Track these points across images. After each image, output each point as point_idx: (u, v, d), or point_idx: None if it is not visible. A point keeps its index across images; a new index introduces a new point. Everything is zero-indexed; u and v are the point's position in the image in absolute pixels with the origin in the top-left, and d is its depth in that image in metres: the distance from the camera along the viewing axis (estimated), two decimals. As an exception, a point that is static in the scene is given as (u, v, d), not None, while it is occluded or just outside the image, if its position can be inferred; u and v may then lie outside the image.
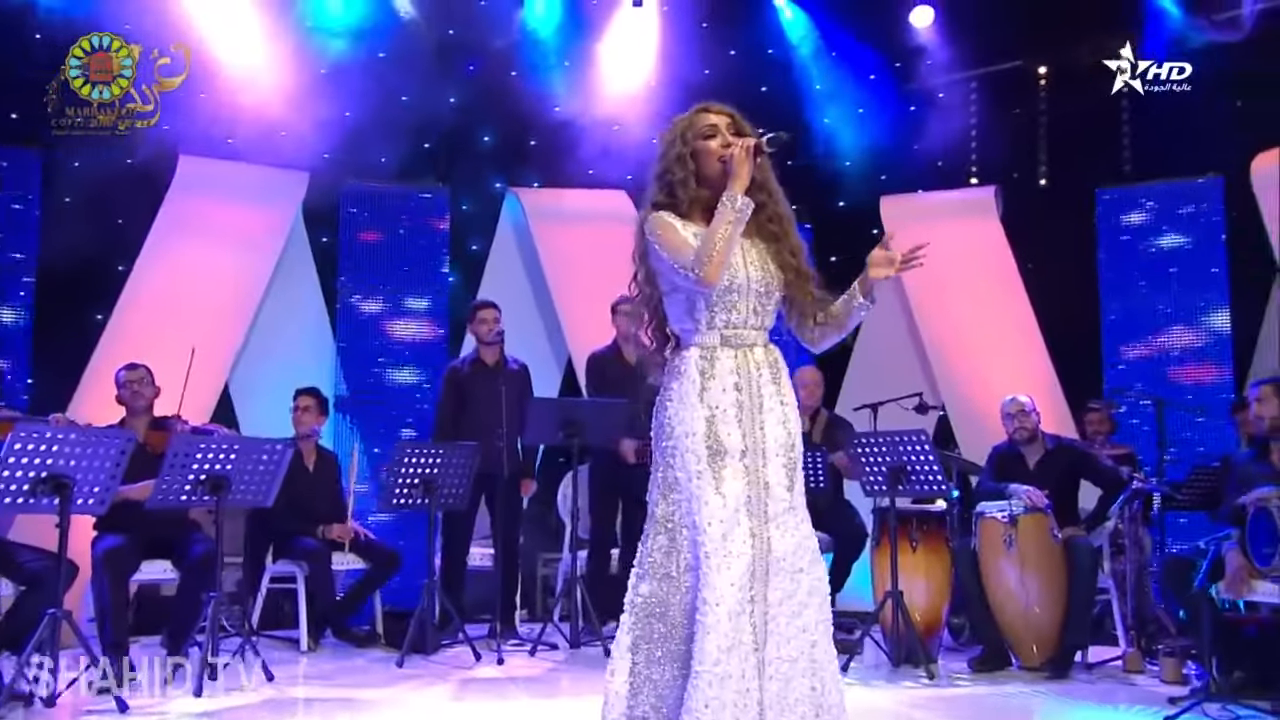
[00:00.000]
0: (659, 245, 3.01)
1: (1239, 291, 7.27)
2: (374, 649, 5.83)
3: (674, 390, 3.04)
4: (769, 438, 2.99)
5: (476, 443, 5.71)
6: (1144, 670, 5.30)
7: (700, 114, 3.16)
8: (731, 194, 2.97)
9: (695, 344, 3.05)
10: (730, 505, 2.89)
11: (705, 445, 2.95)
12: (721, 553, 2.86)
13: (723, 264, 2.95)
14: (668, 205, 3.09)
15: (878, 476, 5.38)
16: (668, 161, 3.12)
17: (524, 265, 8.24)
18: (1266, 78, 6.86)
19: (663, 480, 3.05)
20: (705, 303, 3.02)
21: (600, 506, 6.15)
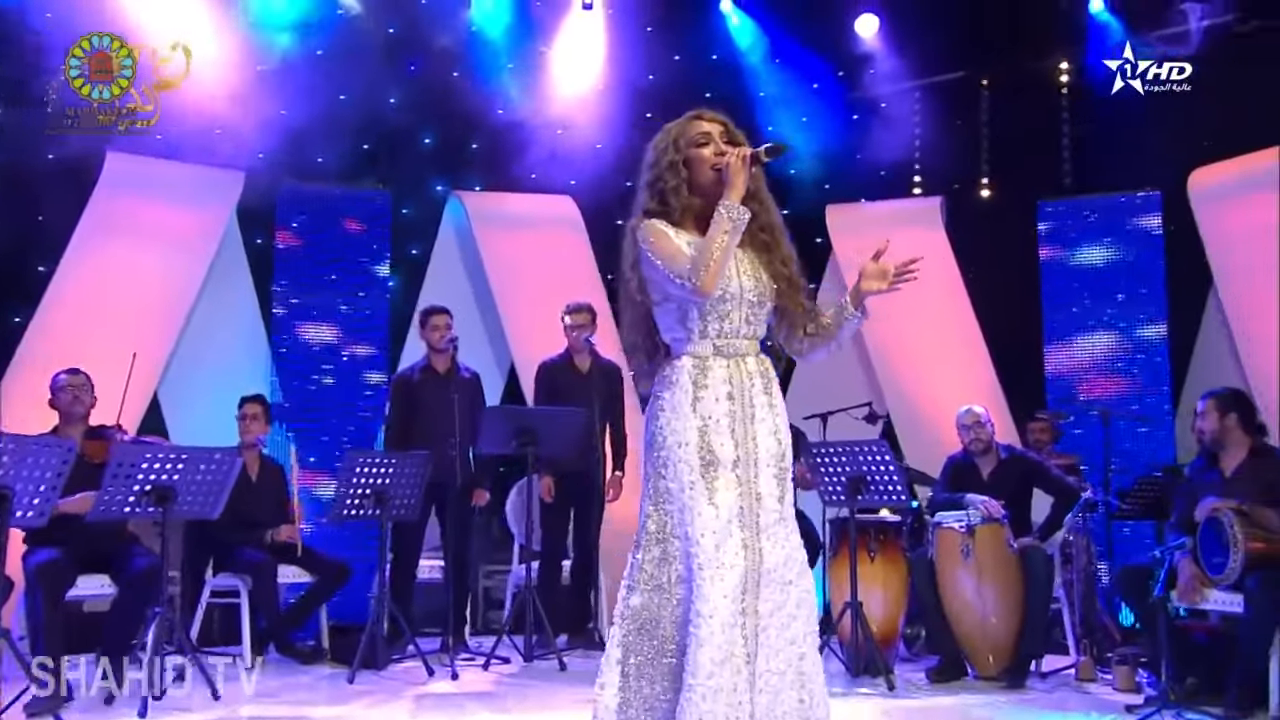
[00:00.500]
0: (652, 253, 3.02)
1: (1176, 303, 7.52)
2: (320, 665, 5.75)
3: (666, 400, 3.05)
4: (761, 448, 3.02)
5: (429, 452, 5.67)
6: (1096, 679, 5.46)
7: (693, 121, 3.18)
8: (728, 203, 2.98)
9: (687, 353, 3.06)
10: (723, 516, 2.92)
11: (698, 455, 2.96)
12: (714, 564, 2.88)
13: (719, 273, 2.96)
14: (659, 213, 3.10)
15: (836, 486, 5.46)
16: (659, 169, 3.13)
17: (466, 270, 8.20)
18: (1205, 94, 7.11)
19: (654, 491, 3.04)
20: (698, 312, 3.04)
21: (552, 517, 6.15)
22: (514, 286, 7.92)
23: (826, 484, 5.49)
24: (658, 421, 3.06)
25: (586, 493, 6.13)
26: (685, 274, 2.95)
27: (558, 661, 5.64)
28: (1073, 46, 8.00)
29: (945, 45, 8.37)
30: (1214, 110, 7.09)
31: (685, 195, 3.10)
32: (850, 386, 7.67)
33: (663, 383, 3.09)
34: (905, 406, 7.66)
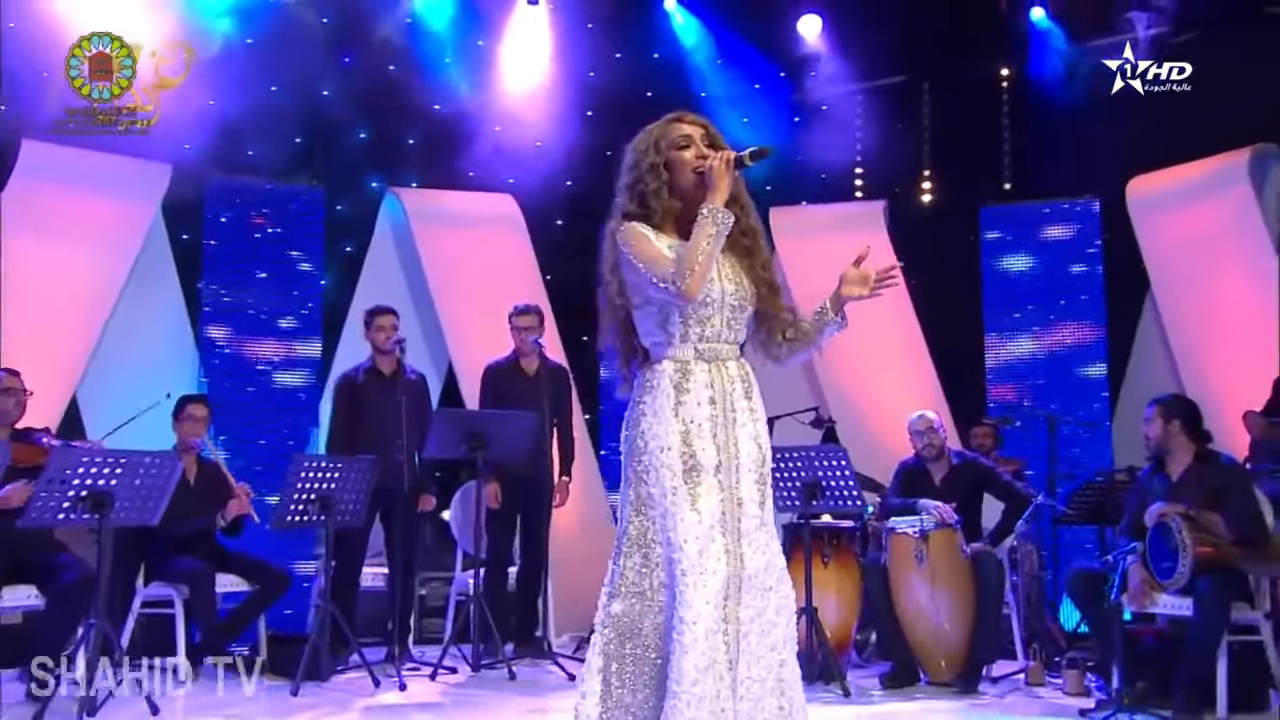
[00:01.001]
0: (633, 256, 3.03)
1: (1114, 309, 7.76)
2: (259, 677, 5.64)
3: (647, 404, 3.07)
4: (742, 453, 3.05)
5: (375, 456, 5.61)
6: (1045, 683, 5.60)
7: (673, 124, 3.19)
8: (712, 206, 3.01)
9: (668, 357, 3.08)
10: (706, 522, 2.94)
11: (680, 461, 2.99)
12: (698, 570, 2.90)
13: (704, 277, 2.98)
14: (639, 216, 3.11)
15: (791, 492, 5.52)
16: (640, 171, 3.14)
17: (403, 269, 8.12)
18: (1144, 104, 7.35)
19: (635, 497, 3.06)
20: (679, 316, 3.06)
21: (498, 522, 6.11)
22: (453, 286, 7.87)
23: (781, 489, 5.55)
24: (639, 427, 3.07)
25: (535, 498, 6.11)
26: (669, 277, 2.97)
27: (507, 671, 5.61)
28: (1014, 53, 8.20)
29: (887, 48, 8.53)
30: (1152, 119, 7.32)
31: (666, 198, 3.11)
32: (794, 391, 7.76)
33: (643, 387, 3.11)
34: (849, 411, 7.77)
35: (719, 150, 3.14)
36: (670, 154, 3.13)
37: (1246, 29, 7.20)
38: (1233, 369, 6.58)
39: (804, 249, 8.15)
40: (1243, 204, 6.94)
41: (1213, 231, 7.06)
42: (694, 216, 3.10)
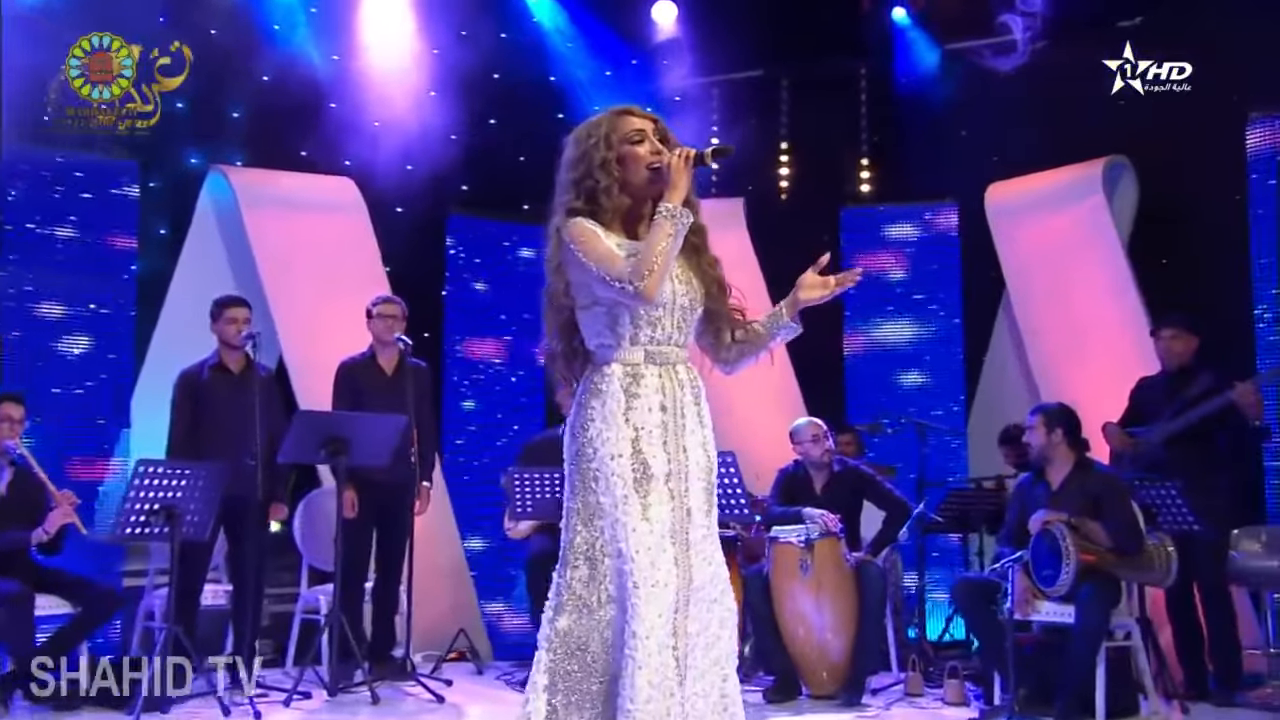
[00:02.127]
0: (584, 255, 3.03)
1: (970, 315, 8.16)
2: (83, 710, 5.30)
3: (596, 410, 3.08)
4: (691, 461, 3.10)
5: (226, 462, 5.37)
6: (923, 693, 5.84)
7: (623, 117, 3.20)
8: (671, 205, 3.02)
9: (617, 360, 3.09)
10: (657, 532, 2.98)
11: (631, 469, 3.01)
12: (650, 582, 2.94)
13: (663, 278, 3.01)
14: (586, 212, 3.11)
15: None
16: (589, 165, 3.14)
17: (228, 255, 7.76)
18: (1006, 109, 7.76)
19: (583, 506, 3.08)
20: (629, 317, 3.08)
21: (354, 534, 5.93)
22: (286, 275, 7.58)
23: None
24: (587, 433, 3.08)
25: (396, 507, 5.97)
26: (625, 277, 2.98)
27: (370, 693, 5.46)
28: (875, 51, 8.49)
29: (746, 40, 8.68)
30: (1012, 126, 7.74)
31: (617, 195, 3.12)
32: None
33: (590, 392, 3.11)
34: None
35: (669, 145, 3.16)
36: (622, 149, 3.14)
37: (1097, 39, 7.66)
38: (1090, 379, 7.00)
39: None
40: (1097, 214, 7.40)
41: (1069, 241, 7.50)
42: (642, 214, 3.15)
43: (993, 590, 5.37)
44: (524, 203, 8.77)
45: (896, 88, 8.44)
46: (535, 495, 5.79)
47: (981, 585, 5.46)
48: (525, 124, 8.36)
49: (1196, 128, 6.96)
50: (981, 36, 7.92)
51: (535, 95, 8.72)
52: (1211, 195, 7.11)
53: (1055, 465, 5.51)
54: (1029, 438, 5.57)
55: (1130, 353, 7.08)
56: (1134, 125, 7.33)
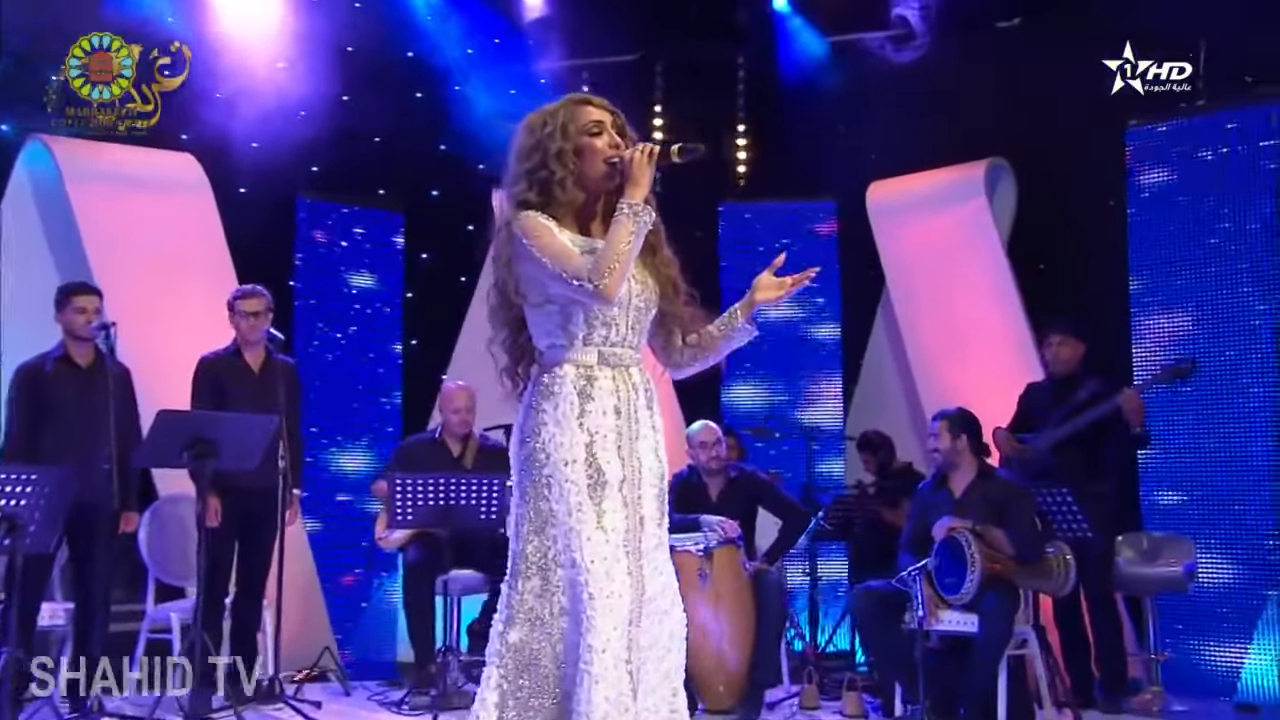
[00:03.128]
0: (538, 250, 3.03)
1: (849, 316, 8.38)
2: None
3: (548, 413, 3.08)
4: (644, 467, 3.13)
5: (74, 467, 5.10)
6: (819, 706, 5.98)
7: (581, 106, 3.21)
8: (633, 202, 3.06)
9: (569, 361, 3.11)
10: (613, 541, 3.01)
11: (585, 475, 3.03)
12: (605, 594, 2.96)
13: (624, 278, 3.04)
14: (538, 205, 3.11)
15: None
16: (543, 156, 3.13)
17: (46, 234, 7.36)
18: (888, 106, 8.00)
19: (534, 514, 3.08)
20: (583, 316, 3.09)
21: (216, 545, 5.69)
22: (117, 258, 7.22)
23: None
24: (539, 437, 3.09)
25: (262, 515, 5.78)
26: (584, 275, 2.99)
27: (235, 718, 5.26)
28: (755, 40, 8.62)
29: (620, 23, 8.67)
30: (895, 123, 7.96)
31: (571, 188, 3.12)
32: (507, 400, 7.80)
33: (540, 394, 3.12)
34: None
35: (625, 139, 3.19)
36: (580, 140, 3.15)
37: (985, 39, 7.98)
38: (971, 383, 7.27)
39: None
40: (980, 216, 7.70)
41: (951, 243, 7.78)
42: (595, 211, 3.18)
43: (894, 599, 5.53)
44: (379, 187, 8.62)
45: (777, 79, 8.58)
46: (417, 502, 5.69)
47: (882, 594, 5.61)
48: (381, 102, 8.18)
49: (1077, 132, 7.31)
50: (868, 29, 8.13)
51: (393, 71, 8.55)
52: (1090, 201, 7.47)
53: (959, 472, 5.71)
54: (934, 444, 5.75)
55: (1011, 357, 7.41)
56: (1015, 127, 7.67)
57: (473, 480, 5.76)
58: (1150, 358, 6.97)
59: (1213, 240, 6.90)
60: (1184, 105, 7.08)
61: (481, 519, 5.76)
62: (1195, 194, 6.97)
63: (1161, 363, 6.65)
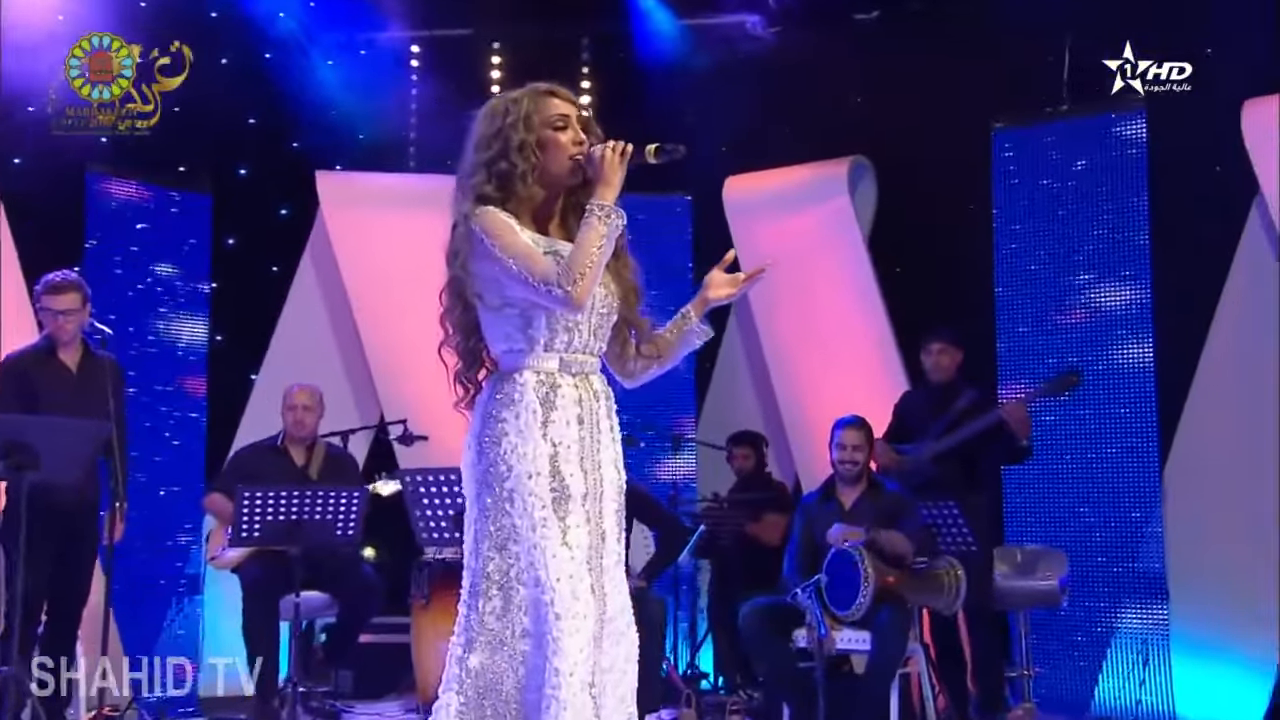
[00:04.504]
0: (501, 250, 3.05)
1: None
2: None
3: (509, 422, 3.10)
4: (606, 480, 3.18)
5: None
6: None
7: (546, 98, 3.24)
8: (604, 203, 3.09)
9: (529, 367, 3.13)
10: (578, 558, 3.05)
11: (549, 488, 3.06)
12: (571, 614, 3.00)
13: (595, 284, 3.08)
14: (497, 199, 3.13)
15: (439, 523, 5.48)
16: (504, 147, 3.15)
17: None
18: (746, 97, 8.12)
19: (495, 530, 3.10)
20: (545, 321, 3.12)
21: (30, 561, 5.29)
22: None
23: (426, 520, 5.48)
24: (499, 448, 3.10)
25: (80, 531, 5.47)
26: (553, 280, 3.02)
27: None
28: (602, 17, 8.62)
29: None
30: (753, 115, 8.09)
31: (531, 183, 3.15)
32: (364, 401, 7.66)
33: (498, 402, 3.13)
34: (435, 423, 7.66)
35: (590, 135, 3.23)
36: (543, 133, 3.17)
37: (846, 33, 8.22)
38: (836, 389, 7.48)
39: (353, 223, 8.05)
40: (843, 216, 7.93)
41: (812, 242, 7.97)
42: (553, 211, 3.23)
43: (783, 616, 5.64)
44: (180, 164, 8.27)
45: (626, 61, 8.60)
46: (266, 517, 5.50)
47: (771, 611, 5.72)
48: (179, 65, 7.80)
49: (942, 133, 7.59)
50: (726, 12, 8.24)
51: (192, 33, 8.17)
52: (953, 204, 7.78)
53: (848, 484, 5.87)
54: (849, 455, 5.89)
55: (875, 362, 7.66)
56: (877, 124, 7.92)
57: (329, 494, 5.59)
58: (1017, 366, 7.31)
59: (1080, 247, 7.28)
60: (1049, 110, 7.48)
61: (336, 535, 5.60)
62: (1062, 199, 7.35)
63: (1028, 370, 6.99)
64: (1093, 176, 7.28)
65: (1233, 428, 6.96)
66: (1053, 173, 7.40)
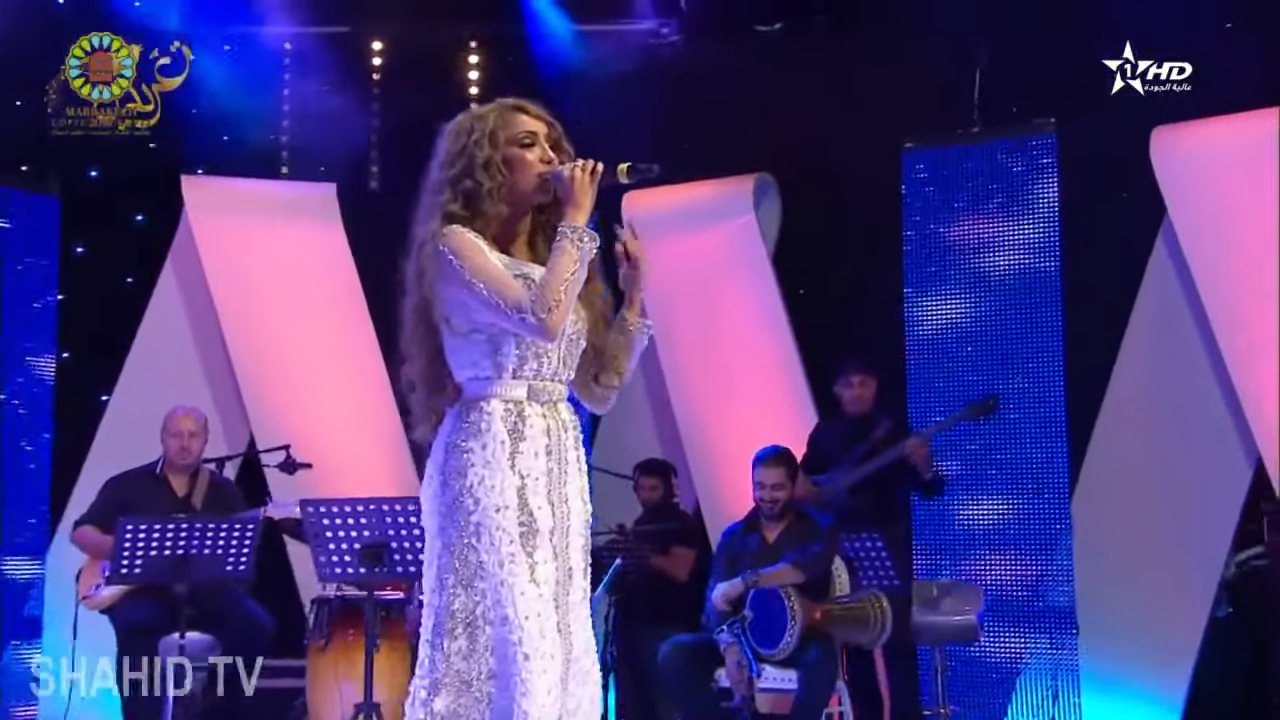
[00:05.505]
0: (471, 274, 3.06)
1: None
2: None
3: (475, 453, 3.11)
4: (573, 513, 3.22)
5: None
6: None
7: (514, 114, 3.26)
8: (575, 226, 3.11)
9: (495, 395, 3.15)
10: (546, 596, 3.08)
11: (518, 522, 3.08)
12: (540, 654, 3.02)
13: (569, 312, 3.10)
14: (463, 219, 3.14)
15: (342, 556, 5.35)
16: (469, 163, 3.17)
17: None
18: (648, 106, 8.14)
19: (461, 565, 3.10)
20: (514, 347, 3.14)
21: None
22: None
23: (328, 552, 5.35)
24: (465, 479, 3.11)
25: None
26: (526, 308, 3.03)
27: None
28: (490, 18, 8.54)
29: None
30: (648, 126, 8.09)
31: (497, 202, 3.17)
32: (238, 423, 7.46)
33: (463, 431, 3.14)
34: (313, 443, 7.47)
35: (560, 153, 3.26)
36: (510, 151, 3.20)
37: (749, 45, 8.30)
38: (744, 417, 7.53)
39: (231, 232, 7.88)
40: (749, 234, 7.99)
41: (716, 262, 8.01)
42: (517, 231, 3.25)
43: (706, 655, 5.65)
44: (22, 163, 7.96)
45: (517, 65, 8.54)
46: (147, 552, 5.32)
47: (693, 650, 5.73)
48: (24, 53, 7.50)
49: (850, 151, 7.69)
50: (628, 20, 8.24)
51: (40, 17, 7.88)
52: (861, 225, 7.90)
53: (777, 517, 5.91)
54: (771, 494, 5.93)
55: (781, 386, 7.73)
56: (782, 140, 7.98)
57: (219, 526, 5.43)
58: (926, 391, 7.45)
59: (991, 272, 7.45)
60: (960, 131, 7.66)
61: (226, 570, 5.45)
62: (974, 222, 7.52)
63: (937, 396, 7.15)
64: (1004, 200, 7.47)
65: (1139, 457, 7.18)
66: (964, 195, 7.57)
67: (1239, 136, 6.95)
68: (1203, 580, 7.00)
